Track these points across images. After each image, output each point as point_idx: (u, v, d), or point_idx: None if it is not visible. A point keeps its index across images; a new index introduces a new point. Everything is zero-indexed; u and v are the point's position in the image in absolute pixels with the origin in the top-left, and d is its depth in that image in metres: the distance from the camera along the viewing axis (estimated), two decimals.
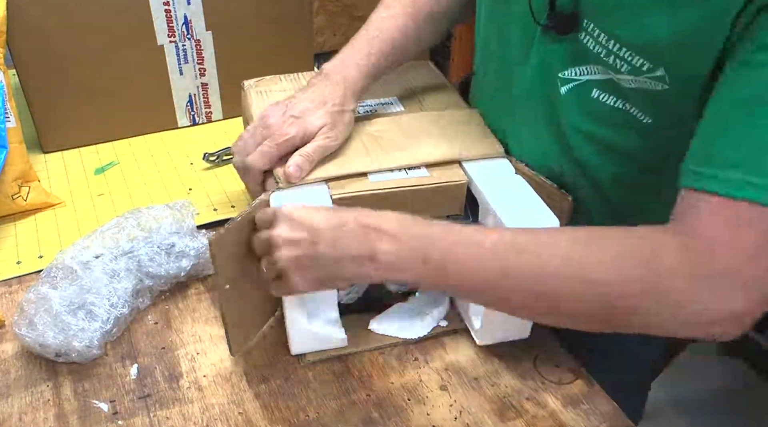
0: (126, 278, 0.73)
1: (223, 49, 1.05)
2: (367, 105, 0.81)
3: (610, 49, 0.59)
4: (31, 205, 0.89)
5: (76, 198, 0.93)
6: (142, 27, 0.98)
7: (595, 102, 0.64)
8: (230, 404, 0.66)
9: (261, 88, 0.85)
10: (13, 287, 0.78)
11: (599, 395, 0.67)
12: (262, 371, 0.69)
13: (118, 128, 1.05)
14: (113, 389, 0.67)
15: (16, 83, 0.97)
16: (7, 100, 0.86)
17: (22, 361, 0.70)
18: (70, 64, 0.96)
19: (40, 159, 1.01)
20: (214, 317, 0.76)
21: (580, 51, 0.62)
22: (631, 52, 0.58)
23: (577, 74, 0.64)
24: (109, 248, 0.75)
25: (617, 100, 0.62)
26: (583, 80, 0.64)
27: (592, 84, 0.63)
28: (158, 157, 1.02)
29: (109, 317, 0.70)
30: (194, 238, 0.78)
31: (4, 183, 0.86)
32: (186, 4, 0.99)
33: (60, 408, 0.65)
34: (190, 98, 1.08)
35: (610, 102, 0.63)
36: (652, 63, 0.57)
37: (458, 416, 0.65)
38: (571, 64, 0.64)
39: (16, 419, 0.64)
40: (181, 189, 0.96)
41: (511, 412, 0.66)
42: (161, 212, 0.79)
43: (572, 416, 0.65)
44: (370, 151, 0.72)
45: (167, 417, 0.65)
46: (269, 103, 0.76)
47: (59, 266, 0.73)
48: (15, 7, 0.88)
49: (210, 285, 0.80)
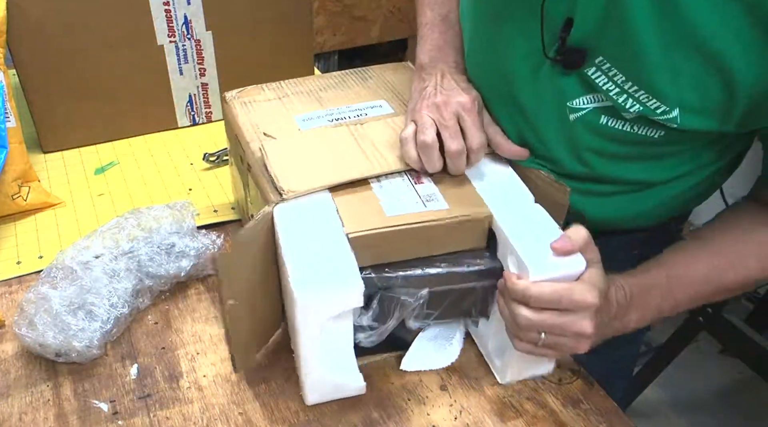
0: (126, 278, 0.73)
1: (223, 49, 1.05)
2: (357, 109, 0.79)
3: (624, 89, 0.60)
4: (31, 205, 0.89)
5: (76, 198, 0.93)
6: (142, 27, 0.98)
7: (604, 127, 0.65)
8: (230, 404, 0.66)
9: (244, 98, 0.82)
10: (13, 287, 0.78)
11: (599, 395, 0.67)
12: (262, 371, 0.69)
13: (118, 128, 1.05)
14: (113, 389, 0.67)
15: (16, 83, 0.97)
16: (7, 100, 0.86)
17: (22, 361, 0.70)
18: (70, 64, 0.96)
19: (40, 159, 1.01)
20: (214, 317, 0.76)
21: (587, 83, 0.63)
22: (648, 94, 0.58)
23: (585, 103, 0.65)
24: (109, 248, 0.75)
25: (626, 124, 0.63)
26: (590, 108, 0.65)
27: (600, 111, 0.64)
28: (158, 157, 1.02)
29: (109, 317, 0.70)
30: (194, 238, 0.78)
31: (4, 183, 0.86)
32: (186, 4, 0.99)
33: (60, 408, 0.65)
34: (190, 98, 1.08)
35: (618, 126, 0.64)
36: (668, 106, 0.58)
37: (458, 416, 0.65)
38: (578, 94, 0.65)
39: (16, 419, 0.64)
40: (181, 189, 0.96)
41: (511, 412, 0.66)
42: (161, 212, 0.79)
43: (572, 416, 0.65)
44: (368, 155, 0.71)
45: (167, 417, 0.65)
46: (257, 113, 0.76)
47: (59, 266, 0.73)
48: (15, 7, 0.88)
49: (210, 285, 0.80)
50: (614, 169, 0.69)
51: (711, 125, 0.59)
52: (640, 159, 0.68)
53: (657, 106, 0.58)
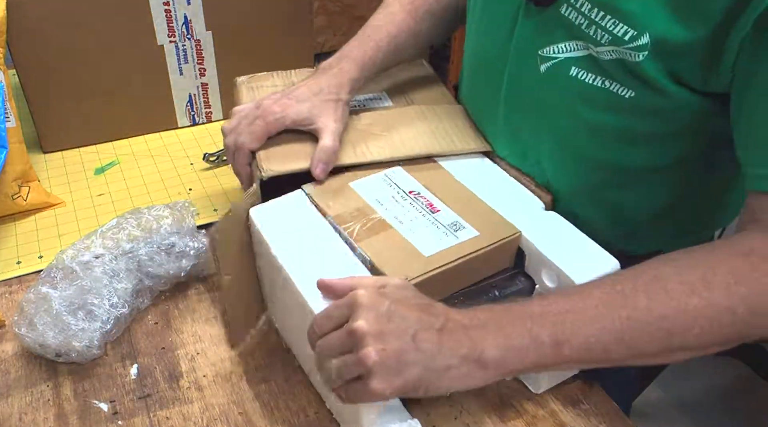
0: (126, 278, 0.73)
1: (223, 49, 1.05)
2: (356, 100, 0.82)
3: (593, 19, 0.59)
4: (31, 205, 0.89)
5: (76, 198, 0.93)
6: (142, 27, 0.98)
7: (573, 80, 0.64)
8: (230, 404, 0.66)
9: (252, 83, 0.85)
10: (13, 287, 0.78)
11: (599, 395, 0.67)
12: (262, 371, 0.69)
13: (118, 128, 1.05)
14: (113, 389, 0.67)
15: (16, 83, 0.97)
16: (7, 100, 0.86)
17: (22, 361, 0.70)
18: (70, 64, 0.96)
19: (40, 159, 1.01)
20: (214, 317, 0.76)
21: (560, 26, 0.63)
22: (615, 19, 0.58)
23: (555, 52, 0.64)
24: (109, 248, 0.75)
25: (596, 78, 0.62)
26: (561, 58, 0.64)
27: (571, 62, 0.64)
28: (158, 157, 1.02)
29: (109, 317, 0.70)
30: (194, 238, 0.78)
31: (4, 183, 0.86)
32: (186, 4, 0.99)
33: (60, 408, 0.65)
34: (190, 98, 1.08)
35: (588, 80, 0.63)
36: (636, 30, 0.57)
37: (458, 416, 0.65)
38: (549, 41, 0.64)
39: (16, 419, 0.64)
40: (181, 189, 0.96)
41: (511, 412, 0.66)
42: (161, 212, 0.79)
43: (572, 416, 0.65)
44: (354, 145, 0.72)
45: (167, 417, 0.65)
46: (260, 96, 0.77)
47: (59, 266, 0.73)
48: (15, 7, 0.88)
49: (210, 285, 0.80)
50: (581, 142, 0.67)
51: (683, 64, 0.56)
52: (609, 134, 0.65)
53: (625, 31, 0.57)
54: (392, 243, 0.61)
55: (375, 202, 0.66)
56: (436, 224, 0.64)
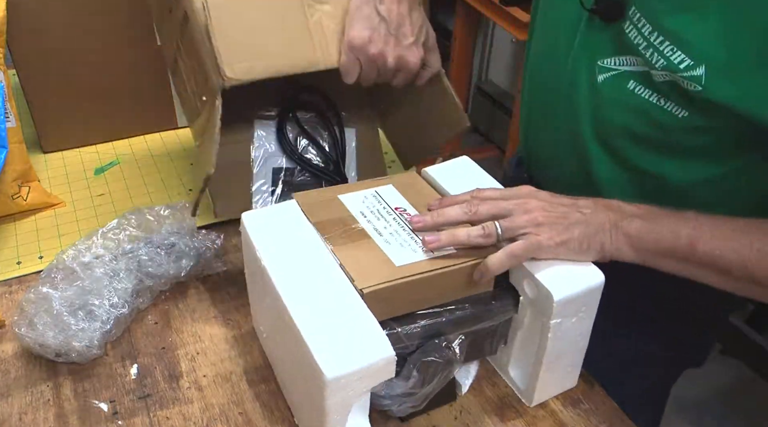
0: (126, 278, 0.73)
1: None
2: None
3: (651, 42, 0.60)
4: (31, 205, 0.89)
5: (76, 198, 0.93)
6: (142, 27, 0.98)
7: (630, 94, 0.65)
8: (230, 404, 0.66)
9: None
10: (13, 287, 0.79)
11: (599, 395, 0.67)
12: (262, 371, 0.69)
13: (118, 128, 1.05)
14: (113, 389, 0.67)
15: (16, 83, 0.97)
16: (7, 100, 0.86)
17: (22, 361, 0.70)
18: (70, 64, 0.96)
19: (40, 159, 1.01)
20: (214, 317, 0.76)
21: (622, 41, 0.63)
22: (673, 46, 0.58)
23: (615, 64, 0.65)
24: (110, 249, 0.75)
25: (652, 94, 0.63)
26: (621, 71, 0.65)
27: (629, 75, 0.64)
28: (158, 157, 1.02)
29: (109, 317, 0.70)
30: (194, 238, 0.78)
31: (4, 183, 0.86)
32: None
33: (60, 408, 0.65)
34: None
35: (645, 95, 0.64)
36: (693, 60, 0.57)
37: (458, 416, 0.65)
38: (611, 53, 0.65)
39: (16, 419, 0.64)
40: (181, 189, 0.96)
41: (511, 412, 0.66)
42: (161, 212, 0.79)
43: (572, 416, 0.65)
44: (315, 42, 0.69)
45: (167, 417, 0.65)
46: None
47: (59, 266, 0.73)
48: (15, 7, 0.88)
49: (210, 285, 0.80)
50: (633, 153, 0.68)
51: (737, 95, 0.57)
52: (660, 147, 0.66)
53: (681, 59, 0.58)
54: (366, 252, 0.61)
55: (359, 214, 0.66)
56: (416, 239, 0.63)
